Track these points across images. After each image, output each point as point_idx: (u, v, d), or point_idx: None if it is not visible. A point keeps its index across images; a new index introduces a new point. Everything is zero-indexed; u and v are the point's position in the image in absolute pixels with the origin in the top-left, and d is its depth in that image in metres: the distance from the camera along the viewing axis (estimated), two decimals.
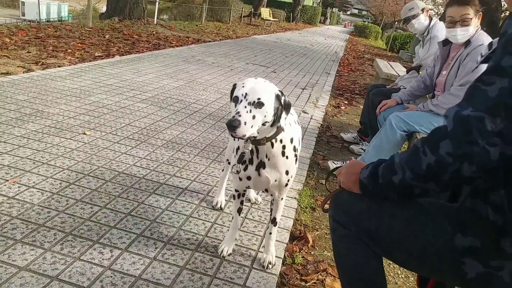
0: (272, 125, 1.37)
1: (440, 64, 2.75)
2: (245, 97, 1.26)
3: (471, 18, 2.43)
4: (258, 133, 1.34)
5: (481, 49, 2.40)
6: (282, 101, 1.33)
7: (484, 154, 0.85)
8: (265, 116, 1.29)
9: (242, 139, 1.29)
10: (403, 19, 3.60)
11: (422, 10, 3.46)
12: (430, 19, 3.54)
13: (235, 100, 1.29)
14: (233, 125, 1.20)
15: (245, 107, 1.25)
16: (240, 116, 1.22)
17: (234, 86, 1.34)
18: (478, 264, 0.96)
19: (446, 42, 2.73)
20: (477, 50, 2.41)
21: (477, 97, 0.89)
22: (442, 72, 2.70)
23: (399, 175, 1.00)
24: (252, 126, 1.24)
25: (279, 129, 1.41)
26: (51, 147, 2.55)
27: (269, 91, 1.30)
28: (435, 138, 0.94)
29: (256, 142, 1.41)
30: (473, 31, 2.48)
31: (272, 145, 1.43)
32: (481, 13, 2.47)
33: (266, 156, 1.47)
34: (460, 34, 2.49)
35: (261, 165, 1.50)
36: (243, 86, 1.29)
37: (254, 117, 1.25)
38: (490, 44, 2.06)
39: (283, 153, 1.48)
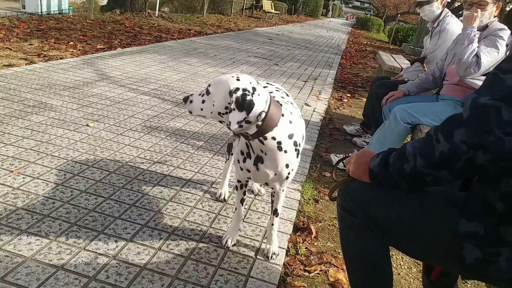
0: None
1: (454, 53, 2.72)
2: (208, 85, 1.45)
3: (488, 3, 2.43)
4: (223, 122, 1.45)
5: (498, 32, 2.39)
6: (234, 98, 1.31)
7: (500, 143, 0.84)
8: (213, 105, 1.39)
9: (191, 114, 1.48)
10: (417, 1, 3.54)
11: None
12: (444, 8, 3.46)
13: None
14: (184, 98, 1.47)
15: (201, 91, 1.44)
16: (192, 95, 1.46)
17: None
18: (477, 250, 0.96)
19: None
20: (494, 33, 2.41)
21: (495, 85, 0.88)
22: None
23: (411, 163, 0.99)
24: (202, 109, 1.42)
25: (267, 127, 1.37)
26: (55, 139, 2.56)
27: (222, 85, 1.37)
28: (449, 126, 0.92)
29: (244, 136, 1.46)
30: (488, 19, 2.48)
31: (262, 142, 1.43)
32: (500, 4, 2.46)
33: (262, 151, 1.48)
34: None
35: (259, 160, 1.51)
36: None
37: (203, 101, 1.42)
38: None
39: (280, 148, 1.45)
